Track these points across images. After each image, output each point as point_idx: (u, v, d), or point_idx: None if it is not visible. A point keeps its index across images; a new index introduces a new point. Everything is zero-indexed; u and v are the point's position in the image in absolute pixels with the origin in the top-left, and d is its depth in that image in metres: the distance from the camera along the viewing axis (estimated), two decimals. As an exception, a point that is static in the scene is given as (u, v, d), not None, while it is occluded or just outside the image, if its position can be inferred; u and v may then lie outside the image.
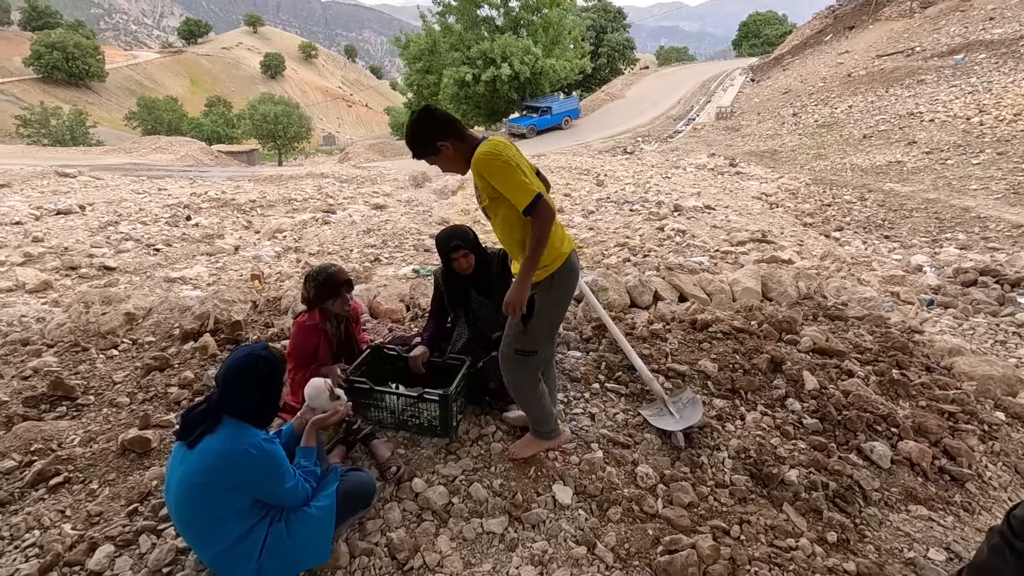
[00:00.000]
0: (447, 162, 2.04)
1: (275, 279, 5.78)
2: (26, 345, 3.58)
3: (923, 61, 21.26)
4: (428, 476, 2.33)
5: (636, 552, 2.02)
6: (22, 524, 2.10)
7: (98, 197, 10.93)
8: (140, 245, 7.46)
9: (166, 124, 48.05)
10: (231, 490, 1.70)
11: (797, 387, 2.96)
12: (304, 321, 2.65)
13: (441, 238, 2.69)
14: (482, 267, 2.73)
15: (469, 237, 2.68)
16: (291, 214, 10.03)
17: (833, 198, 10.34)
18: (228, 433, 1.70)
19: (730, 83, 34.04)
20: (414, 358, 2.73)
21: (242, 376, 1.74)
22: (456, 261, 2.66)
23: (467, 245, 2.64)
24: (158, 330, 3.76)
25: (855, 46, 28.70)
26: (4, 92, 57.48)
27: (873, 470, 2.48)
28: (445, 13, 31.38)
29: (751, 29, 56.79)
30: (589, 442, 2.55)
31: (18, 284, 5.48)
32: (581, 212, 8.98)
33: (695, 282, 4.42)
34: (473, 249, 2.66)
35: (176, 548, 1.98)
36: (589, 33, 40.61)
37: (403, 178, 14.36)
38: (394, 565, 1.96)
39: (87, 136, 39.75)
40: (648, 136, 24.01)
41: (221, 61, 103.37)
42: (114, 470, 2.41)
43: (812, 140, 16.75)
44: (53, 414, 2.85)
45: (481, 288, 2.78)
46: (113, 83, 72.50)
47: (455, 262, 2.67)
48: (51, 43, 59.29)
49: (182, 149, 27.15)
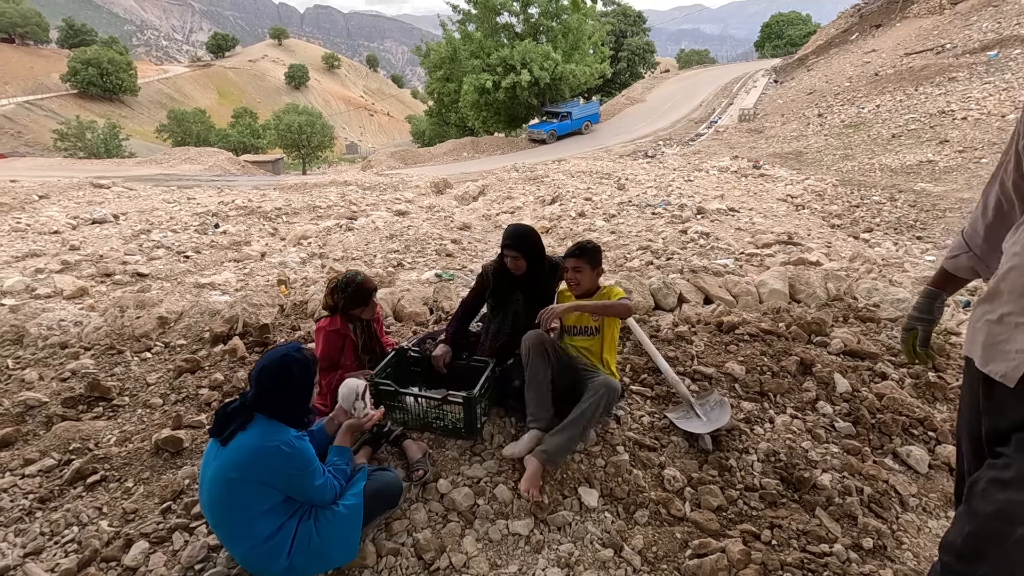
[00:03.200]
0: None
1: (301, 284, 5.87)
2: (64, 348, 3.69)
3: (954, 58, 20.72)
4: (453, 477, 2.33)
5: (664, 556, 1.99)
6: (61, 520, 2.17)
7: (131, 207, 11.29)
8: (171, 252, 7.67)
9: (195, 135, 49.45)
10: (262, 485, 1.73)
11: (828, 390, 2.89)
12: (327, 326, 2.69)
13: (506, 230, 2.74)
14: (536, 272, 2.75)
15: (527, 242, 2.69)
16: (316, 221, 10.21)
17: (861, 199, 10.10)
18: (261, 430, 1.74)
19: (752, 85, 33.62)
20: (436, 357, 2.75)
21: (276, 376, 1.79)
22: (507, 258, 2.70)
23: (521, 248, 2.67)
24: (189, 333, 3.85)
25: (882, 44, 28.10)
26: (43, 107, 59.81)
27: (910, 475, 2.40)
28: (465, 21, 31.67)
29: (774, 30, 55.97)
30: (615, 445, 2.52)
31: (56, 290, 5.67)
32: (603, 216, 8.94)
33: (720, 284, 4.35)
34: (526, 255, 2.68)
35: (208, 545, 2.01)
36: (609, 37, 40.54)
37: (425, 185, 14.50)
38: (420, 565, 1.97)
39: (120, 148, 41.08)
40: (670, 140, 23.83)
41: (247, 73, 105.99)
42: (148, 469, 2.47)
43: (839, 141, 16.42)
44: (90, 414, 2.93)
45: (525, 291, 2.80)
46: (145, 97, 74.91)
47: (506, 259, 2.71)
48: (87, 59, 61.53)
49: (210, 159, 27.91)
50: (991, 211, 1.41)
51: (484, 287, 2.89)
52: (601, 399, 2.38)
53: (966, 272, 1.57)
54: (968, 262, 1.53)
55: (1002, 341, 1.17)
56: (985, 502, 1.11)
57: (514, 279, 2.77)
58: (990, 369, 1.19)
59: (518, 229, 2.73)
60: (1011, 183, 1.31)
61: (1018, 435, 1.12)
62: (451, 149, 29.28)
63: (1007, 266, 1.20)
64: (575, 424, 2.33)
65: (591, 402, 2.36)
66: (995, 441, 1.19)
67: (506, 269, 2.76)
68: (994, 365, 1.18)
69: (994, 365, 1.18)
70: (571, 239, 7.56)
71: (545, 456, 2.24)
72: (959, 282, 1.64)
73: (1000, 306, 1.20)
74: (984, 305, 1.25)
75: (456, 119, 37.11)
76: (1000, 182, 1.35)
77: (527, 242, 2.69)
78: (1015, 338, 1.14)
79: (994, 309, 1.21)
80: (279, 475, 1.75)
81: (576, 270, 2.59)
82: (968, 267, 1.54)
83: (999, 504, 1.07)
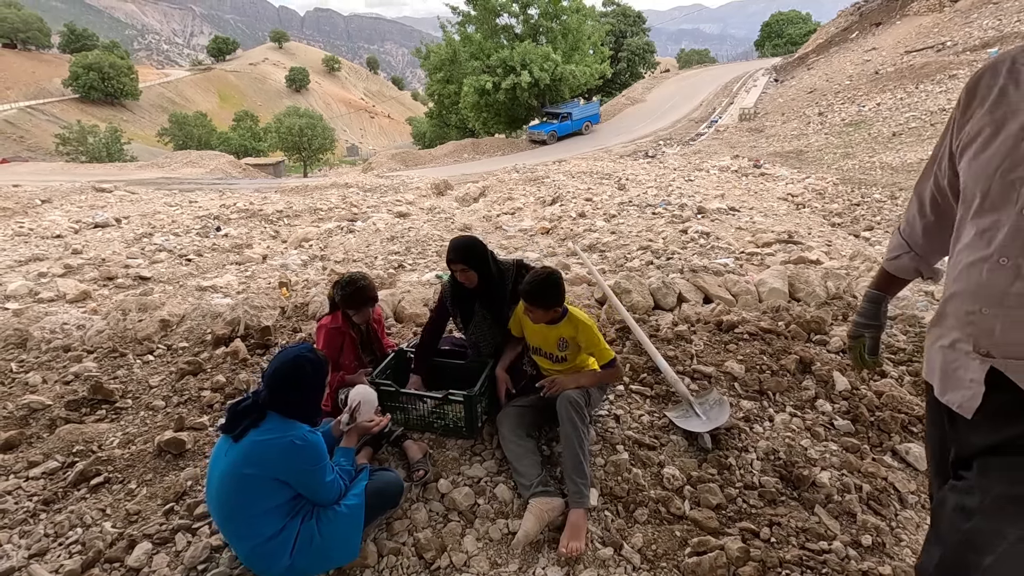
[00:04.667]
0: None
1: (302, 286, 5.89)
2: (67, 351, 3.72)
3: (955, 56, 20.70)
4: (454, 477, 2.34)
5: (663, 554, 2.00)
6: (65, 522, 2.18)
7: (133, 210, 11.33)
8: (173, 255, 7.70)
9: (196, 139, 49.62)
10: (274, 481, 1.76)
11: (827, 388, 2.90)
12: (328, 324, 2.71)
13: (448, 247, 2.59)
14: (489, 283, 2.62)
15: (474, 252, 2.56)
16: (317, 223, 10.24)
17: (862, 197, 10.10)
18: (274, 425, 1.79)
19: (753, 84, 33.62)
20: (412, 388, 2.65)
21: (289, 375, 1.83)
22: (455, 274, 2.61)
23: (465, 261, 2.54)
24: (191, 336, 3.87)
25: (882, 42, 28.09)
26: (45, 112, 60.03)
27: (909, 472, 2.41)
28: (464, 23, 31.74)
29: (774, 29, 55.99)
30: (614, 444, 2.53)
31: (59, 294, 5.70)
32: (603, 216, 8.95)
33: (720, 283, 4.36)
34: (474, 266, 2.55)
35: (211, 546, 2.03)
36: (608, 38, 40.59)
37: (425, 186, 14.53)
38: (421, 564, 1.98)
39: (122, 152, 41.26)
40: (670, 139, 23.83)
41: (248, 76, 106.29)
42: (151, 470, 2.49)
43: (839, 139, 16.41)
44: (93, 417, 2.95)
45: (485, 303, 2.69)
46: (146, 101, 75.17)
47: (455, 274, 2.61)
48: (88, 64, 61.77)
49: (212, 163, 27.97)
50: (928, 208, 1.35)
51: (443, 306, 2.79)
52: (572, 418, 2.25)
53: (909, 273, 1.50)
54: (911, 262, 1.47)
55: (956, 368, 1.12)
56: (952, 530, 1.07)
57: (470, 293, 2.66)
58: (947, 399, 1.15)
59: (461, 241, 2.58)
60: (946, 181, 1.26)
61: (980, 460, 1.08)
62: (452, 151, 29.32)
63: (950, 291, 1.13)
64: (572, 456, 2.19)
65: (566, 430, 2.25)
66: (959, 465, 1.15)
67: (458, 284, 2.66)
68: (951, 395, 1.14)
69: (951, 395, 1.14)
70: (572, 239, 7.57)
71: (583, 499, 2.10)
72: (901, 283, 1.58)
73: (949, 331, 1.14)
74: (936, 329, 1.20)
75: (456, 121, 37.16)
76: (935, 178, 1.30)
77: (473, 253, 2.56)
78: (968, 366, 1.09)
79: (945, 334, 1.16)
80: (292, 470, 1.78)
81: (528, 311, 2.43)
82: (911, 267, 1.48)
83: (966, 534, 1.03)
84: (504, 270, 2.68)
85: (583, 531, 2.03)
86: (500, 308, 2.67)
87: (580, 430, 2.24)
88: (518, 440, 2.35)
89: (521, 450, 2.31)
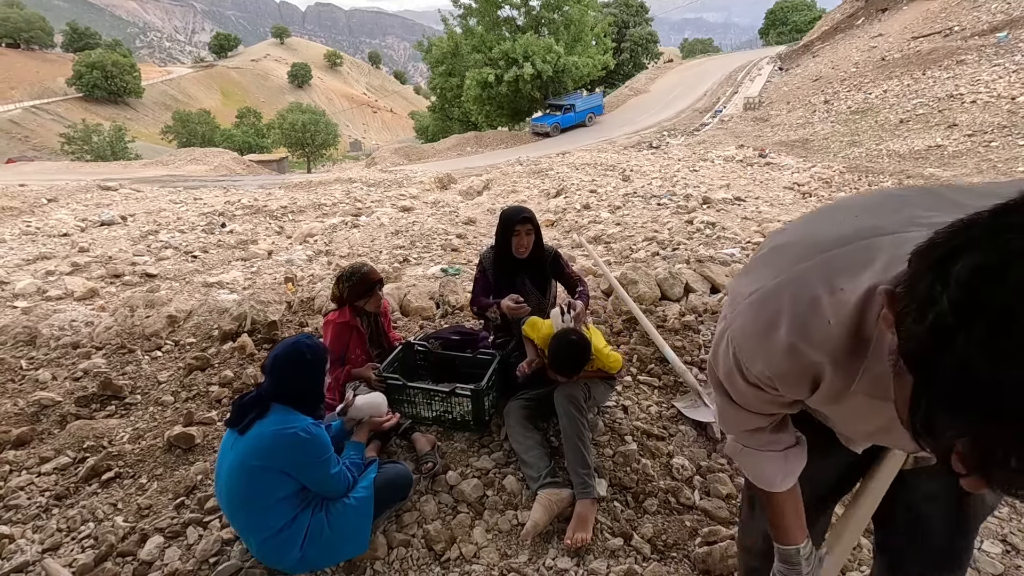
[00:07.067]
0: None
1: (308, 281, 5.90)
2: (76, 348, 3.74)
3: (963, 41, 20.41)
4: (462, 469, 2.35)
5: (673, 544, 2.00)
6: (78, 517, 2.20)
7: (138, 208, 11.37)
8: (179, 252, 7.72)
9: (200, 136, 49.71)
10: (280, 473, 1.77)
11: (837, 377, 2.87)
12: (336, 319, 2.70)
13: (509, 210, 2.71)
14: (538, 254, 2.74)
15: (534, 216, 2.71)
16: (321, 219, 10.24)
17: (869, 185, 10.01)
18: (278, 417, 1.79)
19: (757, 73, 33.29)
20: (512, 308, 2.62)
21: (289, 362, 1.85)
22: (518, 235, 2.66)
23: (532, 221, 2.68)
24: (198, 332, 3.88)
25: (889, 29, 27.73)
26: (49, 111, 60.30)
27: (920, 460, 2.39)
28: (466, 16, 31.56)
29: (778, 17, 55.35)
30: (623, 435, 2.52)
31: (67, 292, 5.73)
32: (608, 208, 8.91)
33: (727, 273, 4.33)
34: (536, 228, 2.70)
35: (222, 539, 2.04)
36: (611, 28, 40.26)
37: (429, 180, 14.50)
38: (431, 556, 1.98)
39: (126, 151, 41.39)
40: (674, 130, 23.67)
41: (250, 73, 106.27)
42: (161, 465, 2.50)
43: (845, 127, 16.25)
44: (103, 413, 2.97)
45: (534, 277, 2.77)
46: (149, 99, 75.35)
47: (516, 236, 2.67)
48: (91, 63, 61.92)
49: (216, 160, 28.03)
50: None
51: (484, 276, 2.86)
52: (569, 411, 2.25)
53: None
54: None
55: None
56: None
57: (517, 263, 2.74)
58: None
59: (519, 207, 2.76)
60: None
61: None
62: (455, 144, 29.22)
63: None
64: (572, 449, 2.18)
65: (564, 423, 2.24)
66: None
67: (506, 256, 2.72)
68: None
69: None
70: (576, 231, 7.54)
71: (588, 490, 2.08)
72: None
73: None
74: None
75: (459, 114, 37.01)
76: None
77: (534, 216, 2.73)
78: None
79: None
80: (297, 462, 1.78)
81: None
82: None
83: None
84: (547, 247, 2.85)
85: (589, 522, 2.02)
86: (544, 278, 2.81)
87: (578, 422, 2.23)
88: (526, 432, 2.35)
89: (529, 442, 2.31)
